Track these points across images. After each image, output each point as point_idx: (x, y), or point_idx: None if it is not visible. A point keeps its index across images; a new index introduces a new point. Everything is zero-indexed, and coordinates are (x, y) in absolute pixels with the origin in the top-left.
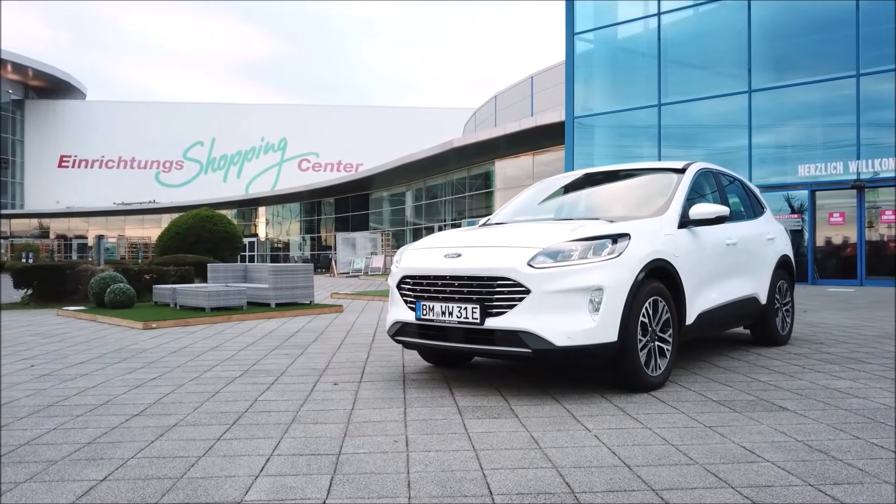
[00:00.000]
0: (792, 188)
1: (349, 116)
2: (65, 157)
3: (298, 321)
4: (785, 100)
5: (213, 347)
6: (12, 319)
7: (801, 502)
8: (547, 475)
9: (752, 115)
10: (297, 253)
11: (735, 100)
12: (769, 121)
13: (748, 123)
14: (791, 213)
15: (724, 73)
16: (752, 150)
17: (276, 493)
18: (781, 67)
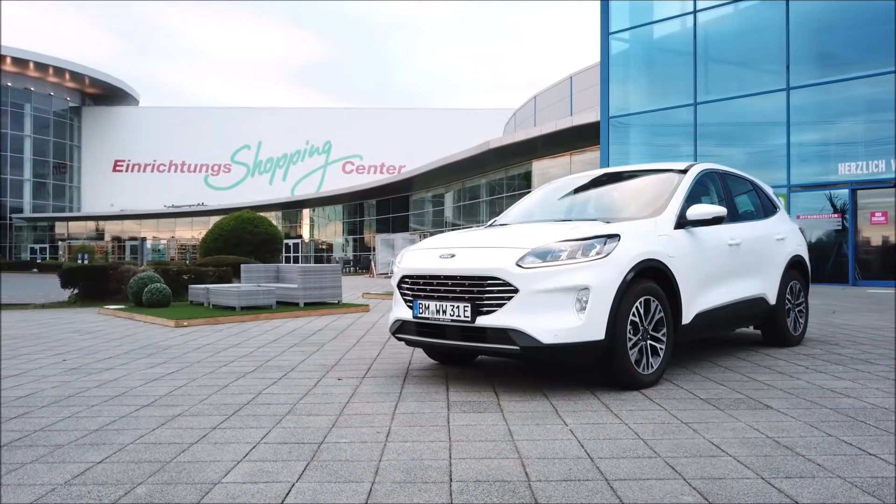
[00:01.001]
0: (832, 187)
1: (392, 119)
2: (119, 161)
3: (323, 320)
4: (825, 97)
5: (236, 345)
6: (56, 317)
7: (744, 493)
8: (510, 465)
9: (790, 112)
10: (340, 254)
11: (773, 97)
12: (809, 118)
13: (787, 121)
14: (833, 213)
15: (762, 70)
16: (790, 149)
17: (251, 477)
18: (821, 64)
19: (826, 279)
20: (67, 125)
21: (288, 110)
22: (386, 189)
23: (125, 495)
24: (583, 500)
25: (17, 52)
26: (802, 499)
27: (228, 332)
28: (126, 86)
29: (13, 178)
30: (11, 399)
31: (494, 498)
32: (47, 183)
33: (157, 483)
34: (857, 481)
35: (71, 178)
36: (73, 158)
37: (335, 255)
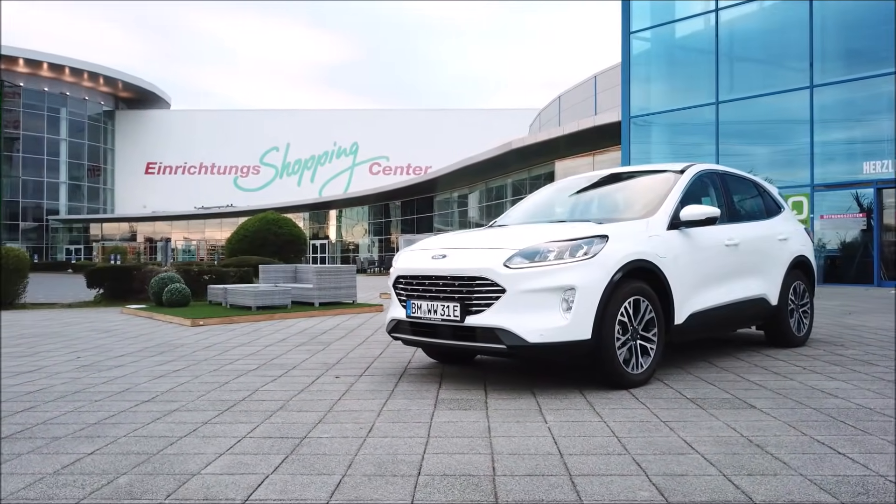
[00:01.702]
0: (857, 186)
1: (418, 120)
2: (151, 163)
3: (335, 320)
4: (850, 94)
5: (245, 343)
6: (79, 316)
7: (701, 490)
8: (480, 460)
9: (814, 110)
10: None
11: (796, 95)
12: (833, 116)
13: (810, 119)
14: (858, 213)
15: (786, 68)
16: (814, 147)
17: (229, 469)
18: (846, 61)
19: (851, 280)
20: (101, 129)
21: (316, 112)
22: (411, 190)
23: (107, 484)
24: (541, 494)
25: (53, 57)
26: (758, 496)
27: (241, 331)
28: (158, 89)
29: (49, 180)
30: (22, 394)
31: (456, 491)
32: (82, 185)
33: (140, 473)
34: (817, 479)
35: (105, 181)
36: (107, 161)
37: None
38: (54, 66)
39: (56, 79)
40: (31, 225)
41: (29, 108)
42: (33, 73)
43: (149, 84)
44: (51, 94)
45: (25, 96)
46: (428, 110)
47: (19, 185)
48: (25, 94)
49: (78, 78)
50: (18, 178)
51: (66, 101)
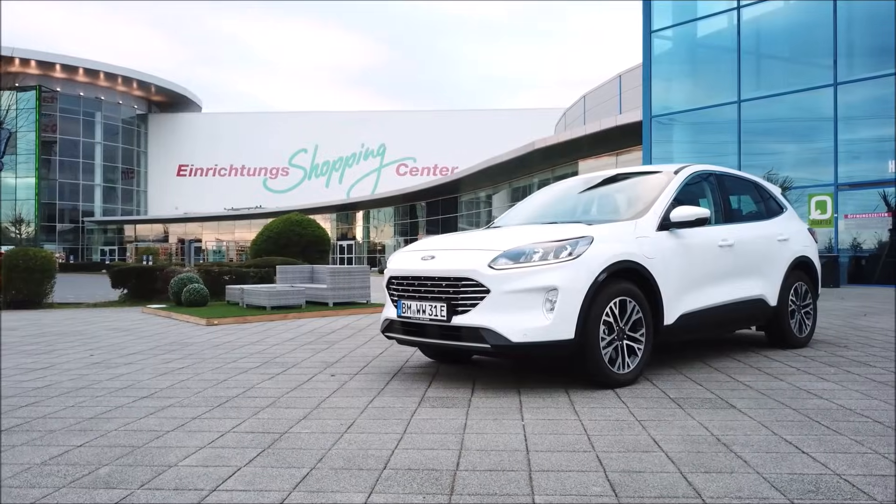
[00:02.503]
0: (882, 185)
1: (446, 120)
2: (182, 166)
3: (346, 319)
4: (875, 91)
5: (254, 342)
6: (101, 316)
7: (652, 486)
8: (446, 455)
9: (837, 108)
10: None
11: (820, 93)
12: (858, 114)
13: (834, 117)
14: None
15: (809, 66)
16: (838, 146)
17: (205, 461)
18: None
19: (876, 281)
20: (135, 132)
21: (343, 113)
22: (436, 190)
23: (88, 475)
24: (496, 488)
25: (88, 62)
26: (707, 493)
27: (253, 330)
28: (189, 93)
29: (85, 183)
30: (29, 389)
31: (415, 485)
32: (116, 187)
33: (120, 465)
34: (772, 477)
35: (138, 183)
36: (140, 164)
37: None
38: (89, 72)
39: (91, 83)
40: (67, 226)
41: (65, 112)
42: (69, 78)
43: (180, 88)
44: (86, 98)
45: (62, 101)
46: (455, 111)
47: (56, 188)
48: (62, 99)
49: (112, 82)
50: (56, 181)
51: (100, 106)
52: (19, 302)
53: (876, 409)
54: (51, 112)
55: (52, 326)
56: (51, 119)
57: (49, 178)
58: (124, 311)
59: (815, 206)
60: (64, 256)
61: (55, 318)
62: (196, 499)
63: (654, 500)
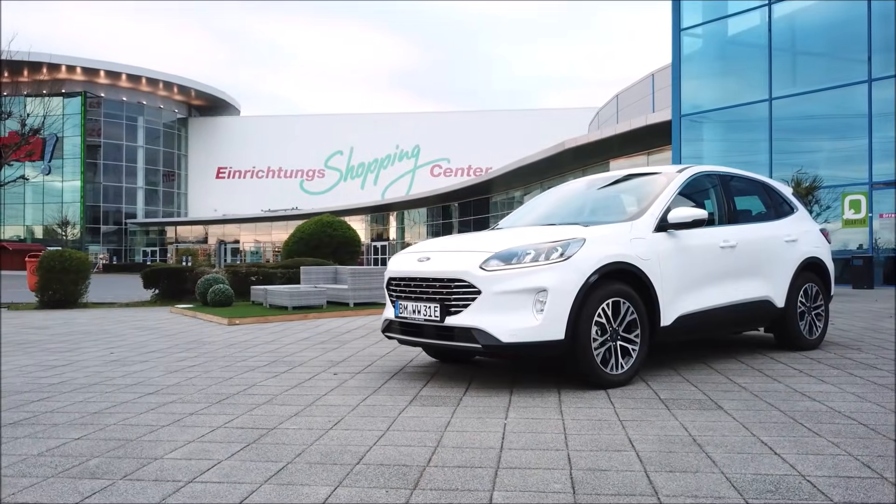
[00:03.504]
0: None
1: (480, 121)
2: (221, 168)
3: (364, 319)
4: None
5: (269, 341)
6: (130, 315)
7: (612, 484)
8: (421, 452)
9: (872, 105)
10: None
11: (854, 90)
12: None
13: (868, 114)
14: None
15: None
16: (872, 143)
17: (189, 454)
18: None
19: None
20: (175, 135)
21: (378, 115)
22: (468, 191)
23: (77, 465)
24: (458, 484)
25: (131, 68)
26: (665, 491)
27: (271, 330)
28: (228, 97)
29: (128, 186)
30: (44, 385)
31: (381, 479)
32: (158, 190)
33: (109, 457)
34: (734, 477)
35: (178, 185)
36: (181, 167)
37: None
38: (132, 77)
39: (134, 89)
40: (111, 228)
41: (109, 117)
42: (113, 84)
43: (219, 91)
44: (129, 103)
45: (106, 106)
46: (489, 111)
47: (101, 191)
48: (106, 104)
49: (154, 87)
50: (100, 184)
51: (142, 110)
52: (56, 301)
53: (865, 412)
54: (95, 117)
55: (82, 325)
56: (95, 124)
57: (94, 181)
58: (153, 311)
59: (849, 206)
60: (107, 257)
61: (87, 318)
62: (172, 490)
63: (610, 498)
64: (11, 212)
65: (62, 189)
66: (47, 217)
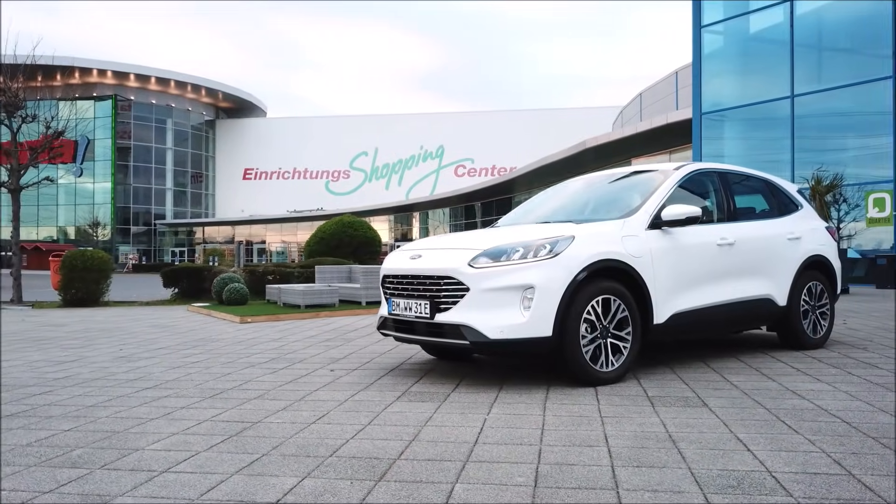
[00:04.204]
0: None
1: (504, 121)
2: (248, 169)
3: (373, 318)
4: None
5: (276, 339)
6: (148, 313)
7: (574, 478)
8: (395, 445)
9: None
10: None
11: (877, 86)
12: None
13: (893, 111)
14: None
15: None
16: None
17: (169, 446)
18: None
19: None
20: (203, 137)
21: (403, 116)
22: (490, 191)
23: (61, 455)
24: (423, 476)
25: (159, 71)
26: (626, 484)
27: (281, 327)
28: (255, 99)
29: (157, 187)
30: (49, 380)
31: (349, 471)
32: (186, 191)
33: (94, 447)
34: (700, 473)
35: (206, 187)
36: (208, 168)
37: None
38: (161, 80)
39: (163, 91)
40: (141, 229)
41: (139, 119)
42: (142, 87)
43: (246, 94)
44: (158, 106)
45: (135, 109)
46: (513, 111)
47: (131, 192)
48: (135, 107)
49: (182, 90)
50: (130, 186)
51: (171, 113)
52: (78, 300)
53: (852, 411)
54: (126, 120)
55: (99, 323)
56: (126, 126)
57: (124, 182)
58: (171, 310)
59: (873, 204)
60: (137, 258)
61: (105, 316)
62: (145, 479)
63: (570, 491)
64: (45, 213)
65: (93, 190)
66: (79, 218)
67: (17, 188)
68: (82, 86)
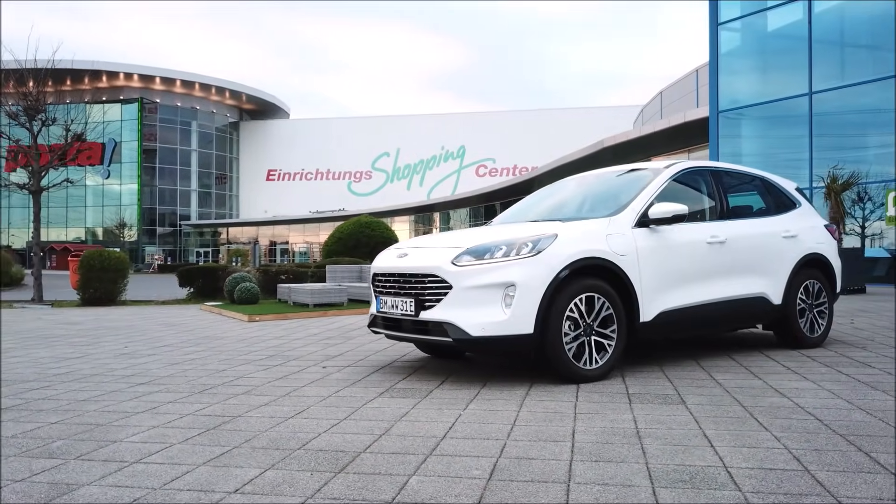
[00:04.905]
0: None
1: (525, 120)
2: (271, 170)
3: None
4: None
5: (278, 337)
6: (161, 312)
7: (531, 471)
8: (364, 439)
9: None
10: None
11: None
12: None
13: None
14: None
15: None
16: None
17: (147, 438)
18: None
19: None
20: (227, 139)
21: (425, 117)
22: (509, 191)
23: (41, 447)
24: (383, 469)
25: (184, 74)
26: (578, 478)
27: (287, 326)
28: (278, 100)
29: (182, 188)
30: (49, 375)
31: (312, 463)
32: (210, 192)
33: (73, 440)
34: (656, 467)
35: (230, 188)
36: (232, 169)
37: None
38: (186, 83)
39: (187, 94)
40: (166, 230)
41: (164, 122)
42: (168, 90)
43: (269, 96)
44: (183, 108)
45: (161, 111)
46: (534, 110)
47: (156, 193)
48: (161, 110)
49: (206, 93)
50: (156, 187)
51: (196, 115)
52: (96, 299)
53: (830, 409)
54: (151, 122)
55: (112, 321)
56: (151, 129)
57: (150, 184)
58: (185, 309)
59: (893, 202)
60: (162, 258)
61: (119, 314)
62: (115, 469)
63: (521, 484)
64: (74, 215)
65: (120, 192)
66: (106, 219)
67: (37, 190)
68: (109, 89)
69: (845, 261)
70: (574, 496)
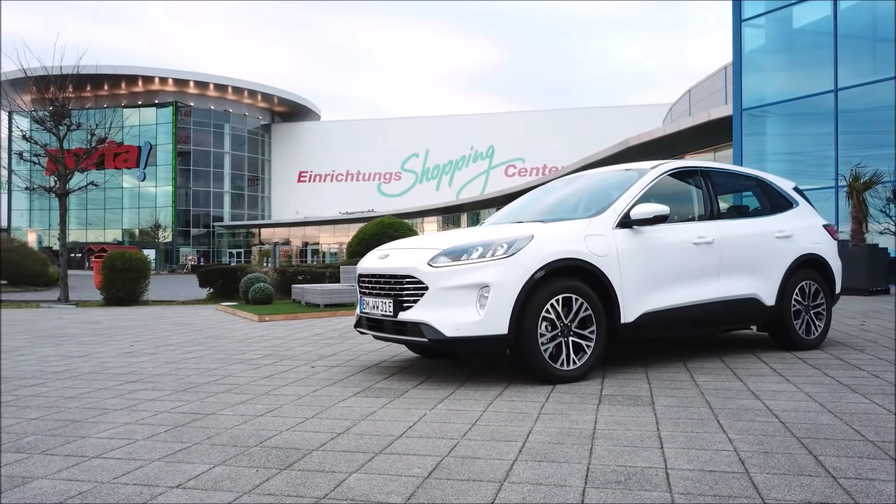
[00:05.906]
0: None
1: (554, 120)
2: (302, 172)
3: None
4: None
5: (281, 336)
6: (177, 312)
7: (480, 470)
8: (322, 437)
9: None
10: None
11: None
12: None
13: None
14: None
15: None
16: None
17: (115, 434)
18: None
19: None
20: (259, 141)
21: (454, 117)
22: None
23: (12, 441)
24: (330, 466)
25: (217, 78)
26: (515, 477)
27: (294, 326)
28: (309, 102)
29: (215, 190)
30: (48, 373)
31: (262, 460)
32: (243, 194)
33: (45, 435)
34: (596, 468)
35: (262, 189)
36: (264, 171)
37: None
38: (219, 86)
39: (220, 97)
40: (201, 231)
41: (198, 125)
42: (201, 93)
43: (301, 98)
44: (216, 111)
45: (195, 115)
46: (563, 110)
47: (190, 195)
48: (195, 113)
49: (239, 96)
50: (190, 189)
51: (228, 118)
52: (118, 299)
53: (799, 412)
54: (186, 125)
55: (128, 321)
56: (186, 131)
57: (185, 186)
58: (201, 309)
59: None
60: (196, 259)
61: (137, 314)
62: (74, 463)
63: (457, 482)
64: (111, 216)
65: (156, 194)
66: (142, 221)
67: (63, 193)
68: (145, 93)
69: (870, 261)
70: (503, 496)
